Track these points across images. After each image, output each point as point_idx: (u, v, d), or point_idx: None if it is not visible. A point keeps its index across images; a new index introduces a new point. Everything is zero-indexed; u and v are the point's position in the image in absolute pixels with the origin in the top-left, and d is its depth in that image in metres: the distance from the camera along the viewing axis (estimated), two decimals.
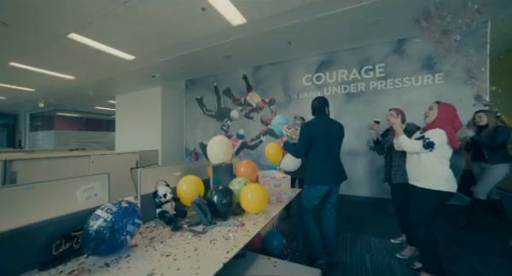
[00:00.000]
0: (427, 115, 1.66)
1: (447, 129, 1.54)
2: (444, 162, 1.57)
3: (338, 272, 1.82)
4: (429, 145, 1.54)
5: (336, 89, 4.13)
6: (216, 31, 3.28)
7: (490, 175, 2.42)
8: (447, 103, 1.64)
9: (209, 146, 1.96)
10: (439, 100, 1.67)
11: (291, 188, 1.85)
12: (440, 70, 3.42)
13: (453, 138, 1.53)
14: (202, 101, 5.91)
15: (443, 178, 1.56)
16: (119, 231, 0.86)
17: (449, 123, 1.57)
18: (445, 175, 1.56)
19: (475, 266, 1.85)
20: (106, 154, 3.13)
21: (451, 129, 1.55)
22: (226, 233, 1.14)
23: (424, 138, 1.56)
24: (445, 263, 1.64)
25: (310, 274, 0.97)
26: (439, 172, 1.56)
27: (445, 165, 1.57)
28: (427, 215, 1.60)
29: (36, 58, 4.17)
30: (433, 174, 1.57)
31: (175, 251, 0.95)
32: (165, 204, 1.30)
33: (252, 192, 1.42)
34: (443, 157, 1.57)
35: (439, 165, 1.57)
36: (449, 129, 1.54)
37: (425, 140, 1.55)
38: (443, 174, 1.56)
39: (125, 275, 0.79)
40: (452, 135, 1.53)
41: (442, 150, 1.55)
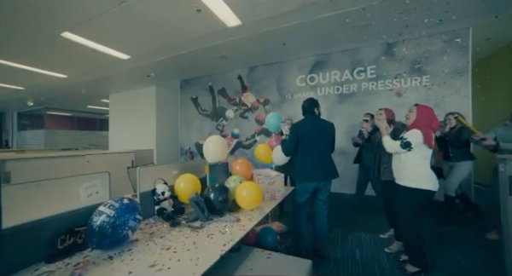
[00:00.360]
0: (408, 117, 1.74)
1: (424, 129, 1.60)
2: (423, 161, 1.64)
3: (330, 265, 1.90)
4: (406, 145, 1.62)
5: (329, 89, 4.24)
6: (211, 32, 3.32)
7: (455, 172, 2.61)
8: (425, 105, 1.73)
9: (205, 146, 2.01)
10: (417, 103, 1.76)
11: (284, 186, 1.92)
12: (427, 72, 3.57)
13: (429, 138, 1.59)
14: (197, 101, 5.93)
15: (423, 177, 1.62)
16: (122, 226, 0.91)
17: (427, 123, 1.64)
18: (424, 174, 1.63)
19: (456, 258, 1.97)
20: (101, 154, 3.14)
21: (429, 129, 1.62)
22: (223, 228, 1.20)
23: (402, 138, 1.66)
24: (427, 256, 1.75)
25: (301, 265, 1.04)
26: (419, 171, 1.63)
27: (424, 165, 1.64)
28: (411, 213, 1.68)
29: (27, 56, 4.11)
30: (414, 173, 1.64)
31: (174, 245, 1.00)
32: (163, 202, 1.35)
33: (247, 189, 1.48)
34: (421, 156, 1.63)
35: (418, 165, 1.64)
36: (426, 130, 1.60)
37: (403, 140, 1.64)
38: (422, 173, 1.63)
39: (128, 266, 0.84)
40: (428, 136, 1.59)
41: (420, 150, 1.63)
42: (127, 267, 0.84)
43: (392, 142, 1.73)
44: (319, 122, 1.98)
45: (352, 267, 1.88)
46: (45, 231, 0.89)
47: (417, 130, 1.61)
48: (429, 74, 3.57)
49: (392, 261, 1.94)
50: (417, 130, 1.61)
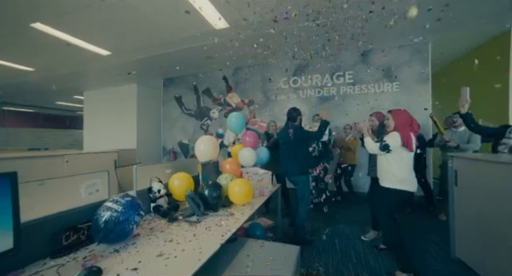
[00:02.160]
0: (388, 125, 1.78)
1: (403, 132, 1.64)
2: (401, 164, 1.68)
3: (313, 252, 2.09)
4: (385, 147, 1.68)
5: (311, 92, 4.49)
6: (198, 33, 3.35)
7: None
8: (399, 109, 1.78)
9: (197, 146, 2.07)
10: (390, 109, 1.83)
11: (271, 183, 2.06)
12: (397, 79, 3.97)
13: (408, 141, 1.63)
14: (181, 100, 5.87)
15: (399, 178, 1.68)
16: (128, 220, 0.98)
17: (406, 126, 1.68)
18: (400, 175, 1.68)
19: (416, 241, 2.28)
20: (82, 153, 3.02)
21: (408, 132, 1.65)
22: (219, 222, 1.30)
23: (382, 141, 1.72)
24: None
25: (290, 250, 1.18)
26: (396, 172, 1.69)
27: (401, 166, 1.68)
28: (387, 210, 1.75)
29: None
30: (392, 174, 1.71)
31: (176, 238, 1.09)
32: (159, 199, 1.41)
33: (239, 186, 1.59)
34: (400, 159, 1.68)
35: (396, 167, 1.69)
36: (405, 133, 1.64)
37: (382, 142, 1.71)
38: (399, 174, 1.68)
39: (136, 257, 0.91)
40: (407, 138, 1.63)
41: (399, 152, 1.67)
42: (135, 257, 0.91)
43: (372, 144, 1.79)
44: (285, 127, 2.36)
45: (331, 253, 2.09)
46: (50, 228, 0.92)
47: (396, 133, 1.66)
48: (398, 81, 3.96)
49: (367, 247, 2.18)
50: (396, 133, 1.66)
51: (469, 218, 1.75)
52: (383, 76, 4.06)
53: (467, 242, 1.79)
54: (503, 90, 3.25)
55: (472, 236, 1.73)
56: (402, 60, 3.93)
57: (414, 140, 1.68)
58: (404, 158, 1.69)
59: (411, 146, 1.64)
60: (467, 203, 1.79)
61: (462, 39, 3.58)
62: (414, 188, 1.70)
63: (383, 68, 4.04)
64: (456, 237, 1.89)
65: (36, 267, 0.84)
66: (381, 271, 1.81)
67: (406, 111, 1.76)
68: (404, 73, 3.92)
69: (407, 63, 3.89)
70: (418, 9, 2.68)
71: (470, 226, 1.75)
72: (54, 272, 0.81)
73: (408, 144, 1.64)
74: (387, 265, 1.87)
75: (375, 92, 4.12)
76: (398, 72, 3.95)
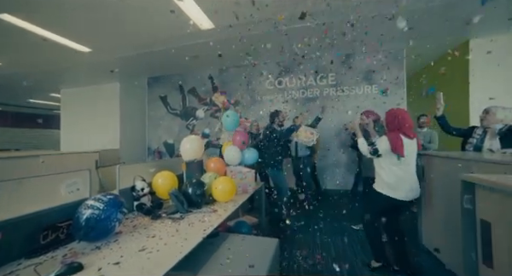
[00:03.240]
0: (383, 125, 1.73)
1: (393, 135, 1.56)
2: (392, 168, 1.59)
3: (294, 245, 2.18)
4: (375, 152, 1.62)
5: (295, 92, 4.62)
6: (184, 32, 3.34)
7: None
8: (390, 110, 1.68)
9: (182, 145, 2.09)
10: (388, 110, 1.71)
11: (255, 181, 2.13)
12: (376, 82, 4.19)
13: (397, 146, 1.52)
14: (166, 100, 5.78)
15: (387, 184, 1.61)
16: (110, 218, 0.99)
17: (396, 127, 1.59)
18: (388, 180, 1.60)
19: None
20: (59, 154, 2.90)
21: (396, 136, 1.55)
22: (202, 218, 1.34)
23: (373, 144, 1.65)
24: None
25: (270, 243, 1.25)
26: (384, 177, 1.62)
27: (389, 171, 1.60)
28: (373, 211, 1.74)
29: None
30: (380, 178, 1.67)
31: (159, 233, 1.11)
32: (142, 197, 1.42)
33: (222, 183, 1.64)
34: (390, 163, 1.60)
35: (384, 171, 1.63)
36: (394, 137, 1.54)
37: (373, 146, 1.64)
38: (387, 179, 1.61)
39: (118, 252, 0.93)
40: (396, 143, 1.53)
41: (388, 157, 1.60)
42: (117, 252, 0.93)
43: (364, 147, 1.71)
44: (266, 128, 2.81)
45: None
46: (26, 227, 0.91)
47: (385, 137, 1.59)
48: (377, 83, 4.19)
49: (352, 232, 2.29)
50: (385, 137, 1.59)
51: (433, 209, 1.92)
52: (363, 78, 4.27)
53: (431, 231, 1.97)
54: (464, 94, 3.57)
55: (435, 226, 1.90)
56: (380, 64, 4.16)
57: (408, 144, 1.56)
58: (396, 162, 1.58)
59: (400, 150, 1.53)
60: (431, 195, 1.96)
61: (431, 47, 3.88)
62: (402, 196, 1.59)
63: (363, 71, 4.26)
64: (423, 227, 2.06)
65: (11, 267, 0.83)
66: (357, 261, 1.93)
67: (397, 110, 1.65)
68: (382, 76, 4.16)
69: (385, 67, 4.13)
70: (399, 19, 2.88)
71: (434, 216, 1.92)
72: (31, 270, 0.81)
73: (396, 149, 1.53)
74: (363, 257, 1.99)
75: (356, 94, 4.32)
76: (376, 76, 4.17)
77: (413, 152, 1.63)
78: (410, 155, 1.59)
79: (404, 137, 1.56)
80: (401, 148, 1.53)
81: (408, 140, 1.57)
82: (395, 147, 1.53)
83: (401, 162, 1.57)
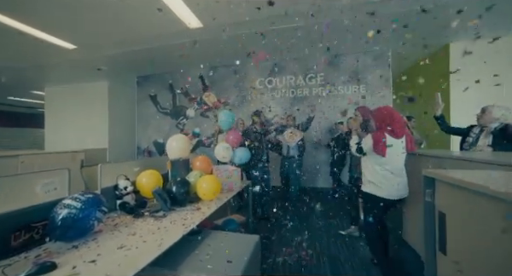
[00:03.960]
0: (371, 125, 1.67)
1: (377, 135, 1.53)
2: (376, 167, 1.57)
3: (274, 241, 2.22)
4: (360, 150, 1.62)
5: (285, 92, 4.67)
6: (172, 31, 3.32)
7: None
8: (378, 108, 1.65)
9: (168, 144, 2.10)
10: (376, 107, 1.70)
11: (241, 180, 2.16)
12: (363, 82, 4.29)
13: (377, 145, 1.49)
14: (156, 99, 5.71)
15: (371, 182, 1.60)
16: (88, 216, 0.99)
17: (383, 127, 1.55)
18: (372, 179, 1.59)
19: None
20: (40, 154, 2.83)
21: (380, 135, 1.52)
22: (184, 216, 1.35)
23: (359, 143, 1.64)
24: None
25: (250, 239, 1.28)
26: (368, 176, 1.61)
27: (373, 171, 1.58)
28: (367, 211, 1.68)
29: None
30: (364, 177, 1.66)
31: (140, 231, 1.12)
32: (126, 196, 1.42)
33: (207, 182, 1.66)
34: (375, 162, 1.57)
35: (368, 170, 1.61)
36: (378, 136, 1.51)
37: (358, 145, 1.63)
38: (370, 178, 1.60)
39: (96, 251, 0.93)
40: (378, 142, 1.50)
41: (372, 156, 1.57)
42: (95, 251, 0.93)
43: (353, 146, 1.70)
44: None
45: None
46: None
47: (369, 136, 1.57)
48: (364, 83, 4.29)
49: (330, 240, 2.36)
50: (369, 136, 1.57)
51: (413, 204, 2.00)
52: (351, 78, 4.36)
53: (411, 225, 2.05)
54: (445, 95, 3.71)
55: (414, 220, 1.98)
56: (367, 64, 4.26)
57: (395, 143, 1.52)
58: (381, 161, 1.55)
59: (379, 150, 1.50)
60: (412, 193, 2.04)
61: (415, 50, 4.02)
62: (390, 195, 1.55)
63: (351, 71, 4.35)
64: (404, 222, 2.14)
65: None
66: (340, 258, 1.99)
67: (387, 108, 1.62)
68: (369, 77, 4.26)
69: (371, 67, 4.24)
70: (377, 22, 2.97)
71: (412, 212, 2.00)
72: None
73: (376, 148, 1.51)
74: (347, 255, 2.05)
75: (344, 93, 4.41)
76: (364, 76, 4.27)
77: (399, 152, 1.55)
78: (395, 154, 1.53)
79: (390, 136, 1.52)
80: (382, 148, 1.49)
81: (394, 139, 1.52)
82: (376, 147, 1.51)
83: (384, 161, 1.54)
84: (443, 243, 0.74)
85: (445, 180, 0.73)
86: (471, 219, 0.65)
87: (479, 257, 0.61)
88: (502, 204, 0.54)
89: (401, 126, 1.56)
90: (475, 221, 0.64)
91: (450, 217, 0.72)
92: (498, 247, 0.55)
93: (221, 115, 2.63)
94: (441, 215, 0.75)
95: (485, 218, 0.60)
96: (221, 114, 2.63)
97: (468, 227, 0.66)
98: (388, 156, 1.51)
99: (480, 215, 0.61)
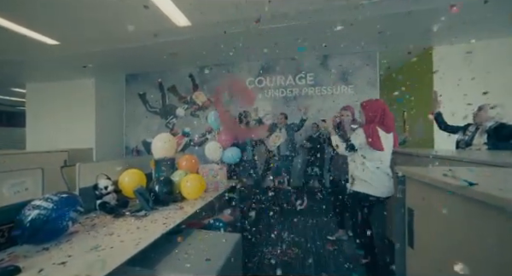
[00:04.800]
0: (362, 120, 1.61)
1: (369, 128, 1.46)
2: (368, 164, 1.50)
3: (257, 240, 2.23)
4: (351, 148, 1.53)
5: (275, 92, 4.69)
6: (160, 29, 3.27)
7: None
8: (369, 100, 1.58)
9: (154, 143, 2.07)
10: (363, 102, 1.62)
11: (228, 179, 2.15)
12: (351, 83, 4.37)
13: (373, 139, 1.42)
14: (145, 97, 5.62)
15: (363, 180, 1.52)
16: (62, 217, 0.96)
17: (375, 121, 1.49)
18: (364, 177, 1.51)
19: None
20: (17, 154, 2.72)
21: (373, 128, 1.45)
22: (166, 215, 1.34)
23: (348, 140, 1.57)
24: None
25: (232, 237, 1.29)
26: (358, 174, 1.53)
27: (365, 168, 1.50)
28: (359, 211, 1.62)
29: None
30: (355, 175, 1.58)
31: (118, 231, 1.10)
32: (106, 196, 1.39)
33: (191, 181, 1.64)
34: (367, 159, 1.50)
35: (358, 168, 1.53)
36: (370, 130, 1.45)
37: (348, 142, 1.55)
38: (362, 176, 1.51)
39: (67, 253, 0.89)
40: (373, 136, 1.42)
41: (365, 151, 1.50)
42: (66, 252, 0.89)
43: (339, 145, 1.62)
44: None
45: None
46: None
47: (360, 130, 1.50)
48: (353, 84, 4.37)
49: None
50: (360, 130, 1.50)
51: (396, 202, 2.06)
52: (340, 79, 4.43)
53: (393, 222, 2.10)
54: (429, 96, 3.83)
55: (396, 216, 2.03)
56: (355, 65, 4.34)
57: (385, 138, 1.47)
58: (372, 157, 1.49)
59: (377, 144, 1.43)
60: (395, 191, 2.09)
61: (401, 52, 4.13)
62: (380, 193, 1.50)
63: (339, 72, 4.41)
64: (388, 221, 2.20)
65: None
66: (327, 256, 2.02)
67: (379, 101, 1.56)
68: (357, 77, 4.34)
69: (359, 68, 4.32)
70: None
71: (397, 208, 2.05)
72: None
73: (372, 142, 1.43)
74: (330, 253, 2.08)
75: (333, 93, 4.47)
76: (352, 76, 4.35)
77: (389, 148, 1.53)
78: (386, 150, 1.50)
79: (382, 130, 1.47)
80: (378, 141, 1.43)
81: (385, 134, 1.48)
82: (373, 141, 1.42)
83: (376, 157, 1.48)
84: (411, 238, 0.77)
85: (413, 176, 0.76)
86: (435, 215, 0.68)
87: (444, 252, 0.63)
88: (459, 199, 0.56)
89: (393, 121, 1.53)
90: (439, 217, 0.66)
91: (418, 213, 0.74)
92: (464, 242, 0.57)
93: (210, 115, 2.62)
94: (410, 212, 0.78)
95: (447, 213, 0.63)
96: (210, 114, 2.63)
97: (433, 222, 0.68)
98: (381, 151, 1.46)
99: (441, 210, 0.64)
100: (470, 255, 0.53)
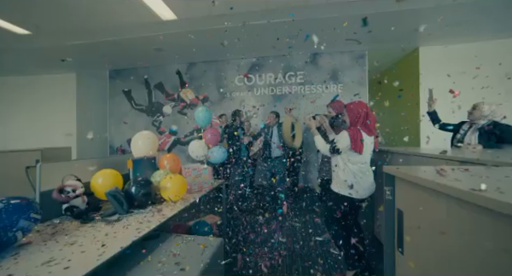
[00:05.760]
0: (345, 121, 1.60)
1: (353, 131, 1.47)
2: (350, 166, 1.50)
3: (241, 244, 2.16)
4: (335, 150, 1.52)
5: (265, 90, 4.62)
6: (144, 22, 3.11)
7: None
8: (353, 102, 1.57)
9: (133, 141, 1.94)
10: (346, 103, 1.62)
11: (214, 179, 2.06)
12: (341, 82, 4.36)
13: (355, 142, 1.44)
14: (130, 94, 5.39)
15: (343, 181, 1.52)
16: (7, 227, 0.82)
17: (359, 122, 1.50)
18: (344, 178, 1.52)
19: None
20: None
21: (356, 131, 1.47)
22: (142, 219, 1.22)
23: (332, 142, 1.56)
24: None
25: (213, 242, 1.19)
26: (341, 175, 1.53)
27: (350, 169, 1.51)
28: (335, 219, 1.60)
29: None
30: (336, 176, 1.57)
31: (82, 240, 0.98)
32: (74, 199, 1.26)
33: (171, 182, 1.53)
34: (350, 161, 1.51)
35: (340, 169, 1.53)
36: (353, 132, 1.46)
37: (332, 144, 1.54)
38: (343, 177, 1.52)
39: (8, 271, 0.74)
40: (355, 139, 1.44)
41: (349, 153, 1.50)
42: (8, 271, 0.75)
43: (323, 146, 1.61)
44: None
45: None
46: None
47: (345, 133, 1.49)
48: (342, 83, 4.37)
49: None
50: (345, 133, 1.49)
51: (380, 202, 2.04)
52: (329, 77, 4.41)
53: (380, 220, 2.09)
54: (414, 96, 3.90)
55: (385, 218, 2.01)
56: (345, 64, 4.34)
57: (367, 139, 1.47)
58: (356, 159, 1.50)
59: (358, 147, 1.44)
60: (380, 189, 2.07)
61: (389, 52, 4.17)
62: (360, 195, 1.51)
63: (329, 70, 4.40)
64: (376, 221, 2.18)
65: None
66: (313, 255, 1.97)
67: (362, 103, 1.55)
68: (346, 76, 4.34)
69: (349, 67, 4.32)
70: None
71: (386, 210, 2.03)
72: None
73: (355, 145, 1.44)
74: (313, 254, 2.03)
75: (323, 92, 4.45)
76: (341, 75, 4.35)
77: (371, 150, 1.55)
78: (367, 152, 1.52)
79: (364, 133, 1.48)
80: (360, 145, 1.45)
81: (367, 136, 1.50)
82: (354, 144, 1.44)
83: (359, 159, 1.50)
84: (400, 240, 0.71)
85: (402, 176, 0.70)
86: (425, 216, 0.62)
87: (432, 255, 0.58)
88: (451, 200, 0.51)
89: (375, 123, 1.56)
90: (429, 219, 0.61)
91: (408, 215, 0.69)
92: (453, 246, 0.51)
93: (197, 111, 2.47)
94: (399, 213, 0.72)
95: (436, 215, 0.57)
96: (197, 111, 2.48)
97: (423, 224, 0.63)
98: (364, 153, 1.48)
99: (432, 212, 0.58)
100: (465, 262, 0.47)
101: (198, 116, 2.39)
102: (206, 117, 2.46)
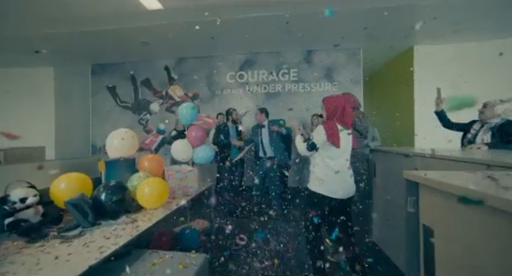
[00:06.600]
0: (323, 115, 1.56)
1: (328, 124, 1.42)
2: (328, 162, 1.44)
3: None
4: (312, 147, 1.45)
5: (257, 87, 4.44)
6: (127, 11, 2.86)
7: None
8: (330, 96, 1.54)
9: (108, 140, 1.71)
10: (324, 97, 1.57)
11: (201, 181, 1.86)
12: (335, 80, 4.26)
13: (332, 135, 1.38)
14: (115, 91, 5.07)
15: (319, 179, 1.45)
16: None
17: (336, 116, 1.45)
18: (320, 175, 1.44)
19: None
20: None
21: (332, 124, 1.42)
22: (109, 233, 1.02)
23: (308, 139, 1.49)
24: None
25: (195, 260, 1.00)
26: (317, 173, 1.46)
27: (324, 166, 1.44)
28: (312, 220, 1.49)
29: None
30: (313, 175, 1.49)
31: (16, 269, 0.75)
32: (23, 211, 1.03)
33: (150, 186, 1.33)
34: (327, 156, 1.44)
35: (319, 166, 1.46)
36: (330, 126, 1.41)
37: (308, 141, 1.47)
38: (320, 175, 1.44)
39: None
40: (332, 132, 1.39)
41: (325, 149, 1.44)
42: None
43: (300, 145, 1.53)
44: None
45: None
46: None
47: (320, 127, 1.44)
48: (337, 81, 4.26)
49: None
50: (320, 127, 1.44)
51: (381, 205, 1.92)
52: (323, 75, 4.30)
53: (379, 226, 1.96)
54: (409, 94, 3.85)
55: (382, 220, 1.89)
56: (339, 62, 4.23)
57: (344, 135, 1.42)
58: (333, 154, 1.43)
59: (337, 140, 1.38)
60: (381, 191, 1.95)
61: (384, 51, 4.10)
62: (337, 194, 1.42)
63: (323, 68, 4.28)
64: (374, 224, 2.05)
65: None
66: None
67: (339, 97, 1.52)
68: (341, 74, 4.24)
69: (343, 65, 4.22)
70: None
71: (382, 212, 1.91)
72: None
73: (332, 138, 1.38)
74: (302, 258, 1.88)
75: (317, 90, 4.33)
76: (336, 73, 4.24)
77: (348, 146, 1.49)
78: (345, 148, 1.46)
79: (341, 127, 1.43)
80: (337, 138, 1.39)
81: (345, 131, 1.45)
82: (331, 137, 1.39)
83: (336, 155, 1.44)
84: (430, 265, 0.55)
85: (433, 185, 0.54)
86: (468, 236, 0.47)
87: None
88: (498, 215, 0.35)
89: (351, 117, 1.55)
90: (473, 239, 0.45)
91: (440, 235, 0.53)
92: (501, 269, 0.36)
93: (181, 108, 2.26)
94: (427, 231, 0.57)
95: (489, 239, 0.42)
96: (181, 107, 2.27)
97: (465, 246, 0.47)
98: (342, 149, 1.43)
99: (477, 231, 0.43)
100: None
101: (182, 113, 2.17)
102: (190, 115, 2.24)
